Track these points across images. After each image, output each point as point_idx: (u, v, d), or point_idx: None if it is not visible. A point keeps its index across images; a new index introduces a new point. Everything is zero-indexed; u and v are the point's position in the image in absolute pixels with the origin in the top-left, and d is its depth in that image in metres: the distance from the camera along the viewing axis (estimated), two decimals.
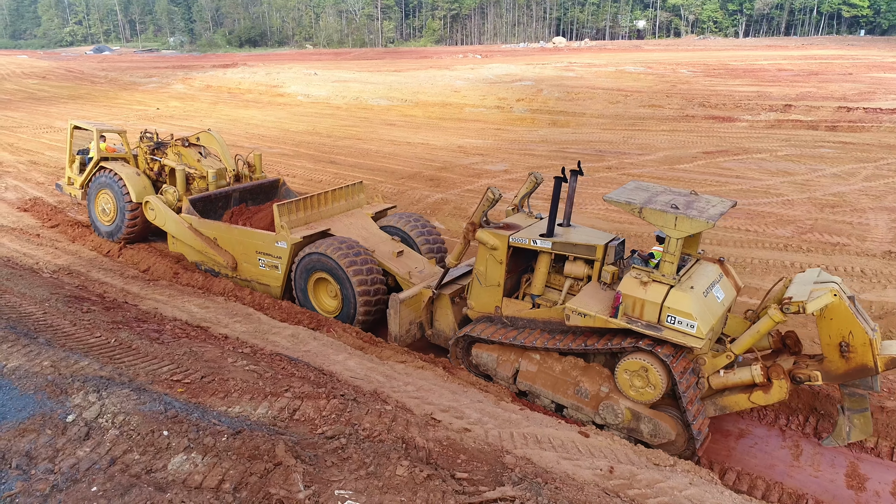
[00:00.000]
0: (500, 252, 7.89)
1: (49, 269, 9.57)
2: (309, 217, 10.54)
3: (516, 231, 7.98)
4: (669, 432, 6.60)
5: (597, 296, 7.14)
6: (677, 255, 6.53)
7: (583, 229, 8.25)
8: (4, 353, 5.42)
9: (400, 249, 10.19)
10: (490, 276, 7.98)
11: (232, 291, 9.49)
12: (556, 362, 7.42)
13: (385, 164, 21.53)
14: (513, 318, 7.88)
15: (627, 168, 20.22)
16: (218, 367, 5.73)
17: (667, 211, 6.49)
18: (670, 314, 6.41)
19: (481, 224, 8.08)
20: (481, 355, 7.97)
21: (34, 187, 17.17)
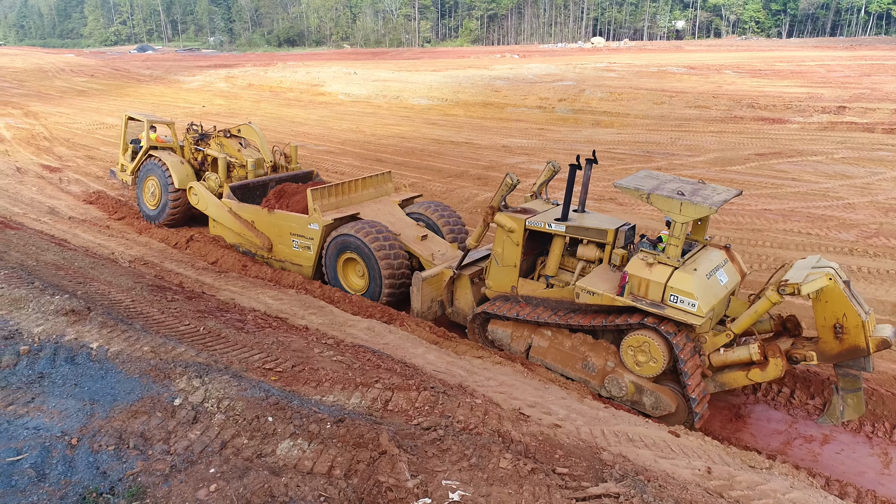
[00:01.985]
0: (516, 235, 8.34)
1: (125, 259, 9.85)
2: (340, 202, 11.24)
3: (532, 215, 8.43)
4: (670, 405, 7.08)
5: (605, 276, 7.64)
6: (682, 239, 6.99)
7: (595, 215, 8.74)
8: (105, 337, 5.59)
9: (424, 234, 10.85)
10: (507, 257, 8.54)
11: (301, 284, 9.65)
12: (566, 338, 7.91)
13: (431, 163, 21.60)
14: (527, 297, 8.37)
15: (677, 169, 19.90)
16: (306, 357, 5.81)
17: (672, 197, 6.95)
18: (673, 293, 6.85)
19: (500, 208, 8.58)
20: (496, 331, 8.49)
21: (94, 181, 17.67)
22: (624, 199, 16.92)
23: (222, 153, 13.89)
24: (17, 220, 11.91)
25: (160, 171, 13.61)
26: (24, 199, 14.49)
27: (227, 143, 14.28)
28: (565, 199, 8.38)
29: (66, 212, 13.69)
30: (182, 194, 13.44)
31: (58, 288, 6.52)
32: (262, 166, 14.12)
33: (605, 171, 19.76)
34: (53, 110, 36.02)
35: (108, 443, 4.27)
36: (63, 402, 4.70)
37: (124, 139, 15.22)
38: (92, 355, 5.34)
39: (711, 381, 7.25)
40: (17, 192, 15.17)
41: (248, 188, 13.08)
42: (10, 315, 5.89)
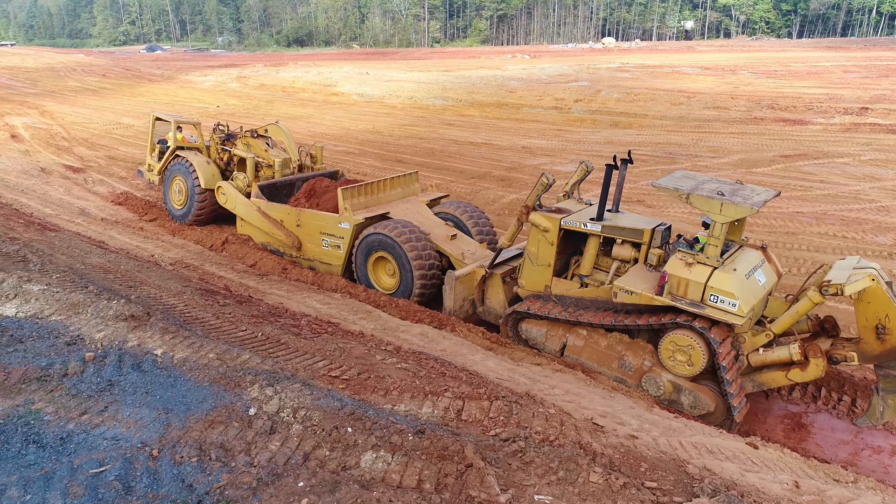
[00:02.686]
0: (551, 234, 8.36)
1: (166, 262, 9.77)
2: (369, 202, 11.29)
3: (567, 215, 8.45)
4: (709, 404, 7.07)
5: (643, 276, 7.65)
6: (721, 239, 6.99)
7: (630, 215, 8.77)
8: (168, 343, 5.49)
9: (453, 233, 10.90)
10: (541, 256, 8.57)
11: (345, 288, 9.55)
12: (601, 337, 7.91)
13: (452, 164, 21.48)
14: (561, 297, 8.40)
15: (702, 171, 19.72)
16: (370, 365, 5.71)
17: (713, 197, 6.93)
18: (713, 293, 6.86)
19: (534, 207, 8.63)
20: (531, 330, 8.49)
21: (119, 181, 17.63)
22: (652, 200, 16.77)
23: (250, 153, 13.87)
24: (51, 221, 11.84)
25: (186, 171, 13.61)
26: (53, 200, 14.45)
27: (254, 144, 14.25)
28: (601, 199, 8.42)
29: (96, 213, 13.63)
30: (208, 194, 13.46)
31: (112, 292, 6.44)
32: (288, 166, 14.12)
33: (629, 173, 19.59)
34: (69, 110, 36.08)
35: (190, 454, 4.17)
36: (137, 412, 4.60)
37: (151, 139, 15.23)
38: (158, 362, 5.25)
39: (749, 381, 7.29)
40: (44, 192, 15.13)
41: (275, 187, 13.15)
42: (70, 320, 5.81)
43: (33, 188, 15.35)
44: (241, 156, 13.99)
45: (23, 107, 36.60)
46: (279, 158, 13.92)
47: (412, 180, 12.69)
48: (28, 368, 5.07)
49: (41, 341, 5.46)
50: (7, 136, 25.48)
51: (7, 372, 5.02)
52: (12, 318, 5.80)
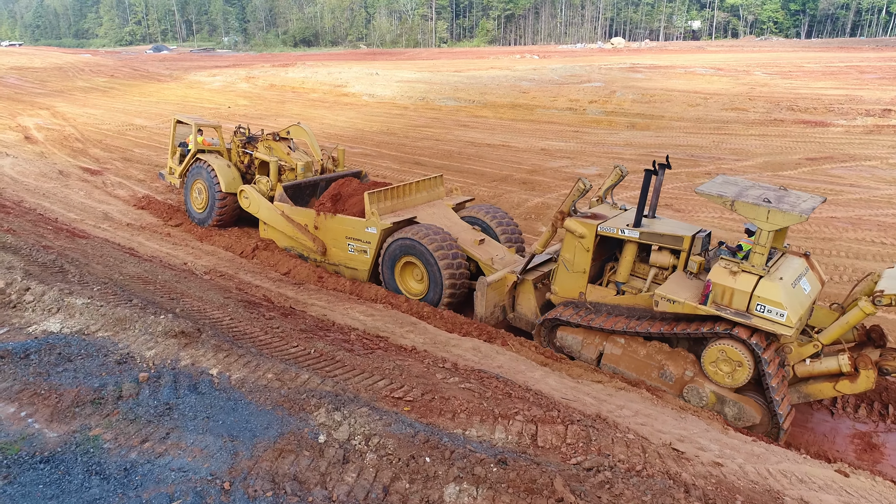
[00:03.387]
0: (587, 240, 8.22)
1: (201, 271, 9.52)
2: (395, 206, 11.12)
3: (603, 220, 8.30)
4: (754, 416, 6.89)
5: (684, 284, 7.49)
6: (767, 248, 6.83)
7: (668, 221, 8.61)
8: (223, 362, 5.24)
9: (481, 238, 10.74)
10: (577, 262, 8.45)
11: (385, 298, 9.30)
12: (640, 346, 7.72)
13: (472, 167, 21.21)
14: (597, 304, 8.28)
15: (727, 174, 19.40)
16: (432, 385, 5.44)
17: (759, 204, 6.76)
18: (760, 303, 6.69)
19: (570, 213, 8.48)
20: (566, 338, 8.34)
21: (137, 184, 17.41)
22: (680, 204, 16.48)
23: (273, 157, 13.65)
24: (78, 226, 11.60)
25: (207, 175, 13.41)
26: (76, 205, 14.22)
27: (275, 146, 14.03)
28: (639, 205, 8.26)
29: (120, 217, 13.40)
30: (229, 197, 13.28)
31: (157, 306, 6.19)
32: (310, 169, 13.92)
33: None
34: (80, 111, 35.93)
35: (264, 487, 3.91)
36: (201, 439, 4.34)
37: (172, 142, 15.04)
38: (215, 383, 4.99)
39: (795, 392, 7.14)
40: (66, 196, 14.90)
41: (298, 188, 13.03)
42: (118, 336, 5.56)
43: (54, 192, 15.12)
44: (264, 159, 13.78)
45: (34, 107, 36.47)
46: (301, 161, 13.72)
47: (437, 183, 12.52)
48: (80, 389, 4.82)
49: (90, 360, 5.21)
50: (21, 138, 25.30)
51: (59, 394, 4.77)
52: (58, 335, 5.55)
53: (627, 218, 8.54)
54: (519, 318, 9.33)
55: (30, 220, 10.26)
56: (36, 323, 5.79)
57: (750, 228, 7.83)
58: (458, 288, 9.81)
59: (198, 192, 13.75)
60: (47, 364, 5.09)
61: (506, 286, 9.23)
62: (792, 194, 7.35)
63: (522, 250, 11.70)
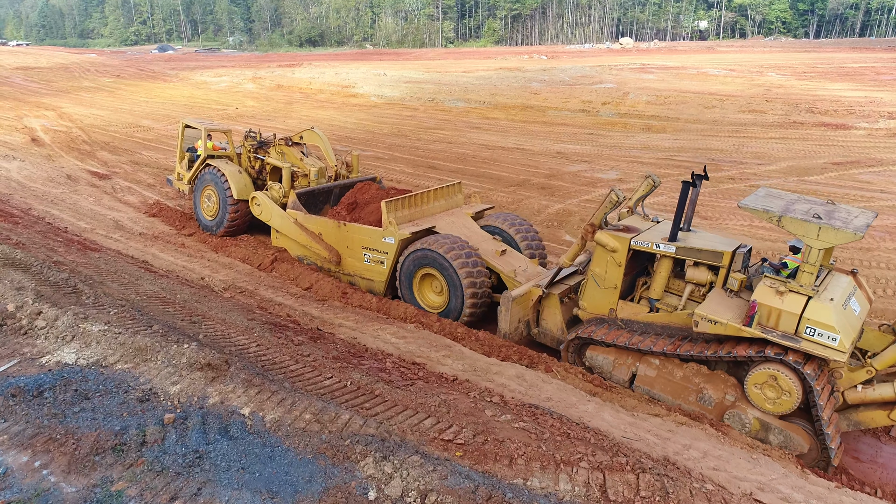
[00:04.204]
0: (619, 255, 7.84)
1: (219, 286, 9.05)
2: (413, 214, 10.70)
3: (637, 234, 7.91)
4: (802, 444, 6.51)
5: (724, 303, 7.09)
6: (817, 266, 6.45)
7: (705, 234, 8.17)
8: (255, 400, 4.76)
9: (503, 248, 10.33)
10: (608, 278, 8.06)
11: (415, 317, 8.82)
12: (676, 368, 7.36)
13: (488, 171, 20.72)
14: (628, 322, 7.87)
15: (750, 179, 18.89)
16: (483, 424, 4.96)
17: (809, 221, 6.39)
18: (809, 325, 6.33)
19: (601, 225, 8.14)
20: (596, 357, 7.95)
21: (147, 189, 16.97)
22: (706, 211, 15.96)
23: (286, 163, 13.19)
24: (89, 237, 11.15)
25: (218, 181, 12.95)
26: (85, 212, 13.77)
27: (288, 152, 13.57)
28: (675, 218, 7.88)
29: (131, 226, 12.94)
30: (241, 205, 12.84)
31: (179, 332, 5.71)
32: (324, 175, 13.47)
33: (674, 181, 18.78)
34: (86, 112, 35.56)
35: None
36: (238, 496, 3.87)
37: (181, 147, 14.56)
38: (248, 426, 4.52)
39: (844, 419, 6.74)
40: (75, 202, 14.45)
41: (312, 195, 12.60)
42: (139, 369, 5.09)
43: (62, 198, 14.68)
44: (277, 165, 13.32)
45: (39, 108, 36.12)
46: (315, 168, 13.26)
47: (456, 191, 12.04)
48: (100, 433, 4.35)
49: (110, 397, 4.75)
50: (28, 140, 24.90)
51: (76, 439, 4.30)
52: (74, 367, 5.09)
53: (661, 231, 8.15)
54: (544, 333, 8.94)
55: (39, 232, 9.81)
56: (49, 353, 5.33)
57: (795, 245, 7.33)
58: (480, 301, 9.38)
59: (208, 199, 13.32)
60: (63, 403, 4.63)
61: (530, 300, 8.83)
62: (842, 209, 6.96)
63: (545, 261, 11.23)
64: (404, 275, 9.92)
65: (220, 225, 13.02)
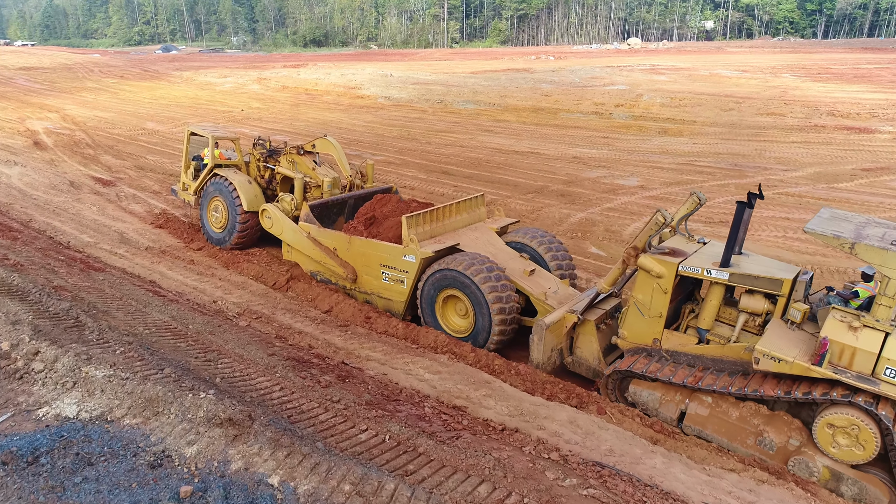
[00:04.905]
0: (666, 280, 7.24)
1: (233, 310, 8.41)
2: (434, 230, 10.04)
3: (685, 258, 7.29)
4: (880, 498, 5.88)
5: (786, 337, 6.48)
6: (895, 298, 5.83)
7: (760, 259, 7.50)
8: (285, 466, 4.11)
9: (532, 268, 9.65)
10: (653, 306, 7.41)
11: (447, 346, 8.14)
12: (731, 407, 6.71)
13: (503, 176, 20.06)
14: (674, 353, 7.26)
15: (778, 186, 18.20)
16: (546, 491, 4.30)
17: (888, 249, 5.82)
18: (889, 366, 5.70)
19: (645, 249, 7.51)
20: (640, 393, 7.29)
21: (152, 196, 16.35)
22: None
23: (298, 173, 12.53)
24: (92, 253, 10.52)
25: (227, 192, 12.29)
26: (88, 223, 13.13)
27: (299, 161, 12.89)
28: (728, 241, 7.18)
29: (137, 238, 12.30)
30: (251, 217, 12.18)
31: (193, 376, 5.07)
32: (337, 185, 12.79)
33: (699, 188, 18.10)
34: (90, 114, 35.02)
35: None
36: None
37: (186, 156, 13.86)
38: (278, 500, 3.86)
39: None
40: (78, 212, 13.83)
41: (325, 206, 11.93)
42: (149, 425, 4.44)
43: (65, 207, 14.06)
44: (288, 175, 12.69)
45: (43, 110, 35.59)
46: (328, 178, 12.59)
47: (478, 204, 11.33)
48: None
49: (117, 463, 4.10)
50: (30, 143, 24.34)
51: None
52: (75, 423, 4.45)
53: (710, 254, 7.47)
54: (579, 363, 8.29)
55: (39, 249, 9.18)
56: (47, 403, 4.69)
57: (866, 272, 6.68)
58: (509, 326, 8.68)
59: (215, 211, 12.67)
60: (62, 471, 3.98)
61: (564, 327, 8.15)
62: None
63: (575, 280, 10.55)
64: (426, 296, 9.26)
65: (229, 238, 12.36)
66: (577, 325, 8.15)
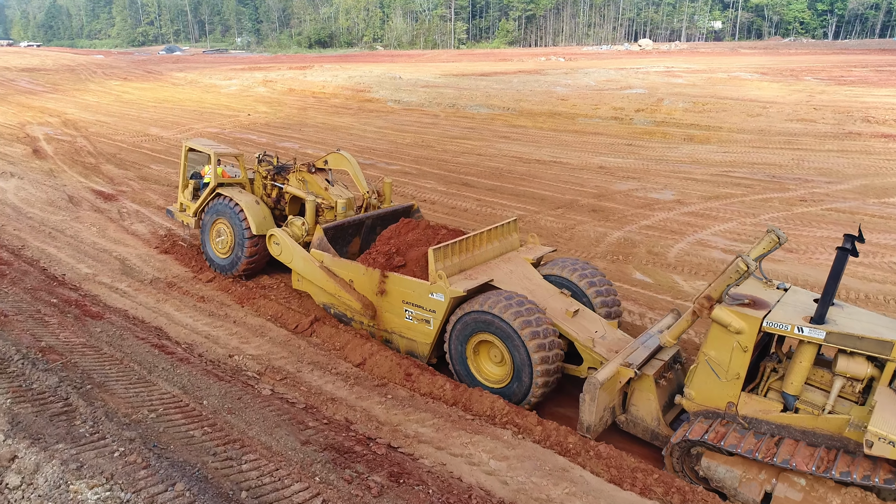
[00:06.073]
0: (746, 337, 6.22)
1: (253, 370, 7.26)
2: (463, 262, 8.82)
3: (768, 310, 6.23)
4: None
5: None
6: None
7: (858, 312, 6.30)
8: None
9: (576, 308, 8.43)
10: (731, 366, 6.36)
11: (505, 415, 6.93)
12: (831, 492, 5.71)
13: (528, 189, 18.90)
14: (754, 420, 6.31)
15: (824, 200, 17.02)
16: None
17: None
18: None
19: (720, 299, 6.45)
20: (717, 468, 6.26)
21: (156, 214, 15.23)
22: (789, 243, 14.08)
23: (310, 194, 11.39)
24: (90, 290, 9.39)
25: (233, 214, 11.12)
26: (87, 248, 11.98)
27: (311, 180, 11.71)
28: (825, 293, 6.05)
29: (140, 267, 11.16)
30: (260, 241, 11.02)
31: (213, 491, 3.93)
32: (352, 207, 11.59)
33: (740, 203, 16.95)
34: (92, 118, 34.00)
35: None
36: None
37: (183, 174, 12.60)
38: None
39: None
40: (76, 234, 12.68)
41: (340, 228, 10.79)
42: None
43: (62, 228, 12.94)
44: (299, 196, 11.60)
45: (44, 114, 34.59)
46: (342, 199, 11.37)
47: (511, 230, 10.09)
48: None
49: None
50: (29, 152, 23.28)
51: None
52: None
53: (796, 305, 6.34)
54: (634, 422, 7.24)
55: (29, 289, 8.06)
56: None
57: None
58: (552, 378, 7.57)
59: (218, 235, 11.53)
60: None
61: (618, 382, 7.06)
62: None
63: (620, 316, 9.36)
64: (456, 340, 8.11)
65: (235, 265, 11.23)
66: (633, 380, 7.08)
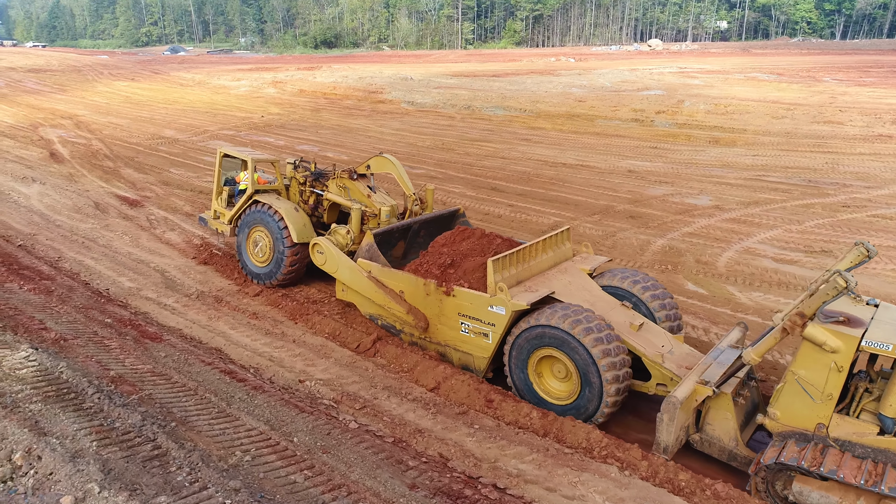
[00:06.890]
0: (843, 357, 5.88)
1: (329, 397, 6.79)
2: (520, 273, 8.54)
3: (865, 328, 5.82)
4: None
5: None
6: None
7: None
8: None
9: (640, 321, 8.11)
10: (826, 386, 6.00)
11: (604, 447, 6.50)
12: None
13: (560, 194, 18.47)
14: (846, 444, 5.92)
15: (867, 206, 16.59)
16: None
17: None
18: None
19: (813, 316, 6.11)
20: (810, 494, 5.92)
21: (186, 220, 14.81)
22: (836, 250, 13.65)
23: (356, 202, 11.04)
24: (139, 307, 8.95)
25: (272, 221, 10.76)
26: (124, 259, 11.55)
27: (352, 186, 11.33)
28: None
29: (182, 280, 10.74)
30: (301, 249, 10.67)
31: None
32: (395, 215, 11.25)
33: (781, 209, 16.52)
34: (104, 120, 33.58)
35: None
36: None
37: (218, 181, 12.23)
38: None
39: None
40: (109, 244, 12.27)
41: (388, 234, 10.45)
42: None
43: (94, 237, 12.51)
44: (340, 203, 11.26)
45: (55, 116, 34.17)
46: (386, 206, 11.07)
47: (564, 239, 9.78)
48: None
49: None
50: (46, 155, 22.87)
51: None
52: None
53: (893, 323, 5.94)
54: (710, 442, 6.87)
55: (80, 307, 7.63)
56: None
57: None
58: (622, 396, 7.27)
59: (256, 243, 11.18)
60: None
61: (694, 401, 6.73)
62: None
63: (682, 329, 8.99)
64: (517, 355, 7.79)
65: (274, 274, 10.87)
66: (710, 398, 6.70)
